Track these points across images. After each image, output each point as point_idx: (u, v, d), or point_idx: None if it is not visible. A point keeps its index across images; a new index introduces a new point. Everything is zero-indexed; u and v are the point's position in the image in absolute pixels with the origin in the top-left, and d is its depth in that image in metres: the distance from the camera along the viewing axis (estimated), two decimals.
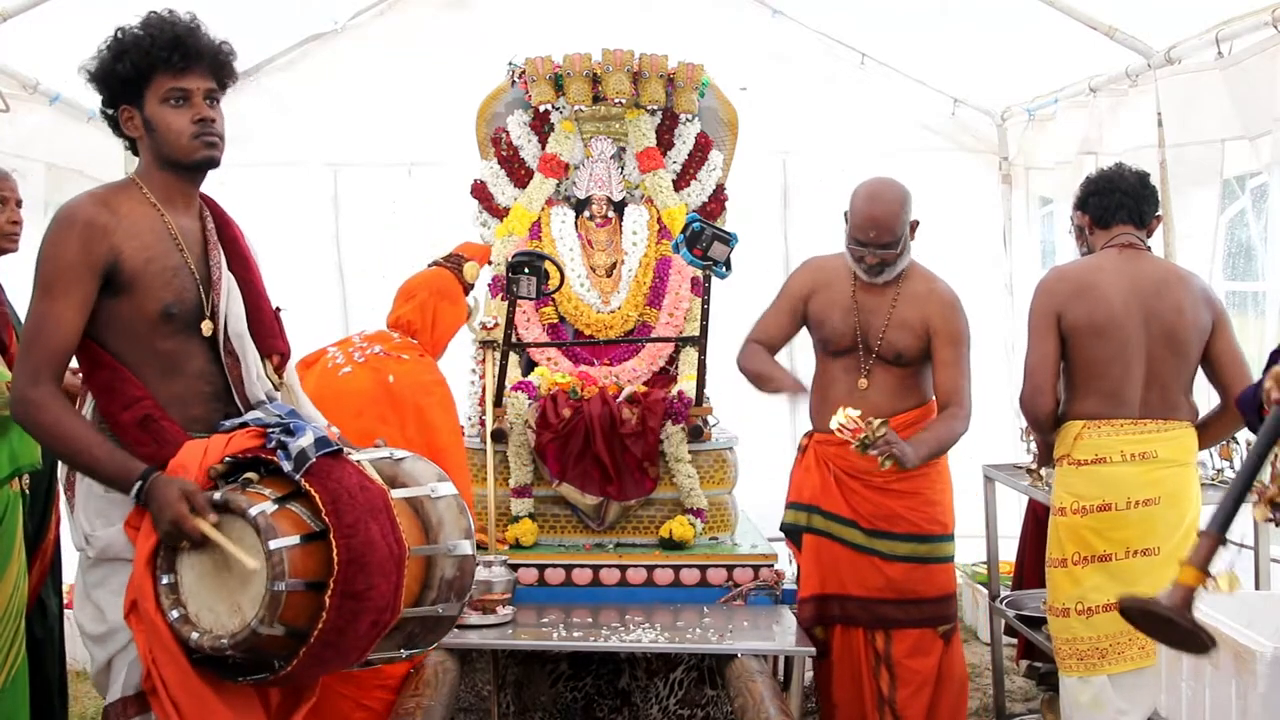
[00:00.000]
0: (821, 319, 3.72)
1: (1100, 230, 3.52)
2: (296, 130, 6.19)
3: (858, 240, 3.57)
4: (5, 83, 4.80)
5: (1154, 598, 2.20)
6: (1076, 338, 3.39)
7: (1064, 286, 3.44)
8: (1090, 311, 3.36)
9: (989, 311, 5.74)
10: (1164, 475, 3.30)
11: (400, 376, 3.55)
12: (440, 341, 3.82)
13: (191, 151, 2.40)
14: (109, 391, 2.35)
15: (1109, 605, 3.27)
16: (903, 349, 3.64)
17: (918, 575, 3.64)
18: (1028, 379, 3.47)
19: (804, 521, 3.74)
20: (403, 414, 3.46)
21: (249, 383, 2.49)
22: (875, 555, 3.64)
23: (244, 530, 2.19)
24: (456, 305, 3.85)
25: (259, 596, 2.15)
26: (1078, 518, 3.37)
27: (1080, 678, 3.35)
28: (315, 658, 2.21)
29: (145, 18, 2.40)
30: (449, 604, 2.41)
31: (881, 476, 3.59)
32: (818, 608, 3.69)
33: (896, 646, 3.65)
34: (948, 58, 5.99)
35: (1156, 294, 3.38)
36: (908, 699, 3.63)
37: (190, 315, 2.40)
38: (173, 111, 2.39)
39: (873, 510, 3.65)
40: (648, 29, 5.28)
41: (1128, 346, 3.35)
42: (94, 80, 2.43)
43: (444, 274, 3.88)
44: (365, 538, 2.22)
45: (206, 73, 2.41)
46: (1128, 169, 3.56)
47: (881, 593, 3.64)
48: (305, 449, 2.27)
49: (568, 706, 3.95)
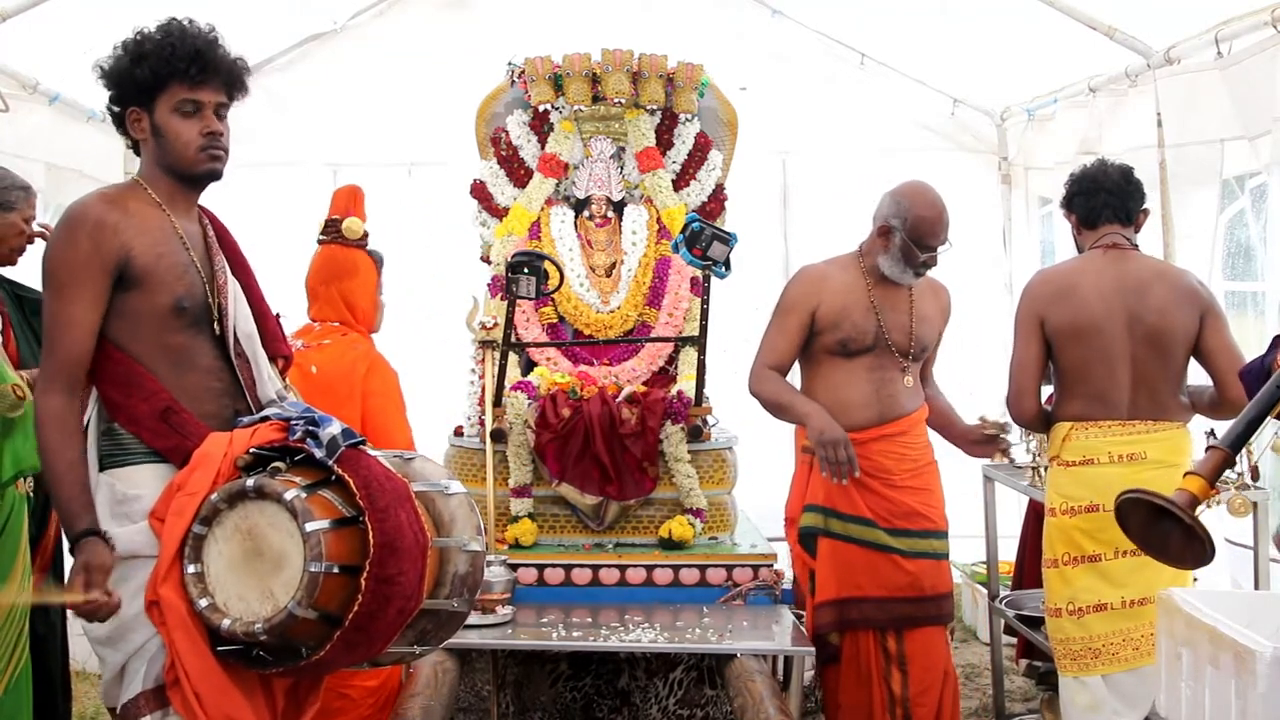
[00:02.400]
0: (838, 321, 3.70)
1: (1087, 230, 3.54)
2: (296, 130, 6.20)
3: (927, 245, 3.62)
4: (5, 83, 4.81)
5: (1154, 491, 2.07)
6: (1060, 340, 3.42)
7: (1046, 290, 3.49)
8: (1073, 314, 3.38)
9: (989, 311, 5.74)
10: (1153, 476, 3.29)
11: (323, 364, 3.57)
12: (366, 316, 3.75)
13: (197, 163, 2.45)
14: (125, 385, 2.37)
15: (1099, 605, 3.28)
16: (929, 342, 3.80)
17: (934, 571, 3.69)
18: (1011, 381, 3.55)
19: (821, 524, 3.73)
20: (333, 399, 3.41)
21: (260, 383, 2.53)
22: (897, 554, 3.66)
23: (277, 515, 2.23)
24: (355, 275, 3.74)
25: (294, 580, 2.18)
26: (1067, 518, 3.38)
27: (1076, 678, 3.35)
28: (347, 643, 2.24)
29: (166, 25, 2.43)
30: (461, 599, 2.44)
31: (899, 475, 3.65)
32: (837, 612, 3.68)
33: (909, 645, 3.66)
34: (947, 58, 5.99)
35: (1139, 295, 3.39)
36: (919, 697, 3.65)
37: (199, 311, 2.44)
38: (183, 122, 2.42)
39: (890, 509, 3.66)
40: (648, 29, 5.28)
41: (1111, 348, 3.36)
42: (107, 78, 2.45)
43: (328, 253, 3.76)
44: (396, 522, 2.26)
45: (220, 87, 2.45)
46: (1111, 165, 3.55)
47: (902, 591, 3.65)
48: (335, 436, 2.33)
49: (567, 706, 3.95)
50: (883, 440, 3.68)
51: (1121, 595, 3.27)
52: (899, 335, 3.70)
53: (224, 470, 2.32)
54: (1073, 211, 3.56)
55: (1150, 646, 3.19)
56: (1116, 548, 3.28)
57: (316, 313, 3.76)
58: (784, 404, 3.70)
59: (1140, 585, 3.24)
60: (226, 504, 2.28)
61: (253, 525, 2.27)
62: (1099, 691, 3.31)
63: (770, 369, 3.74)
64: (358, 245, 3.77)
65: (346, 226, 3.75)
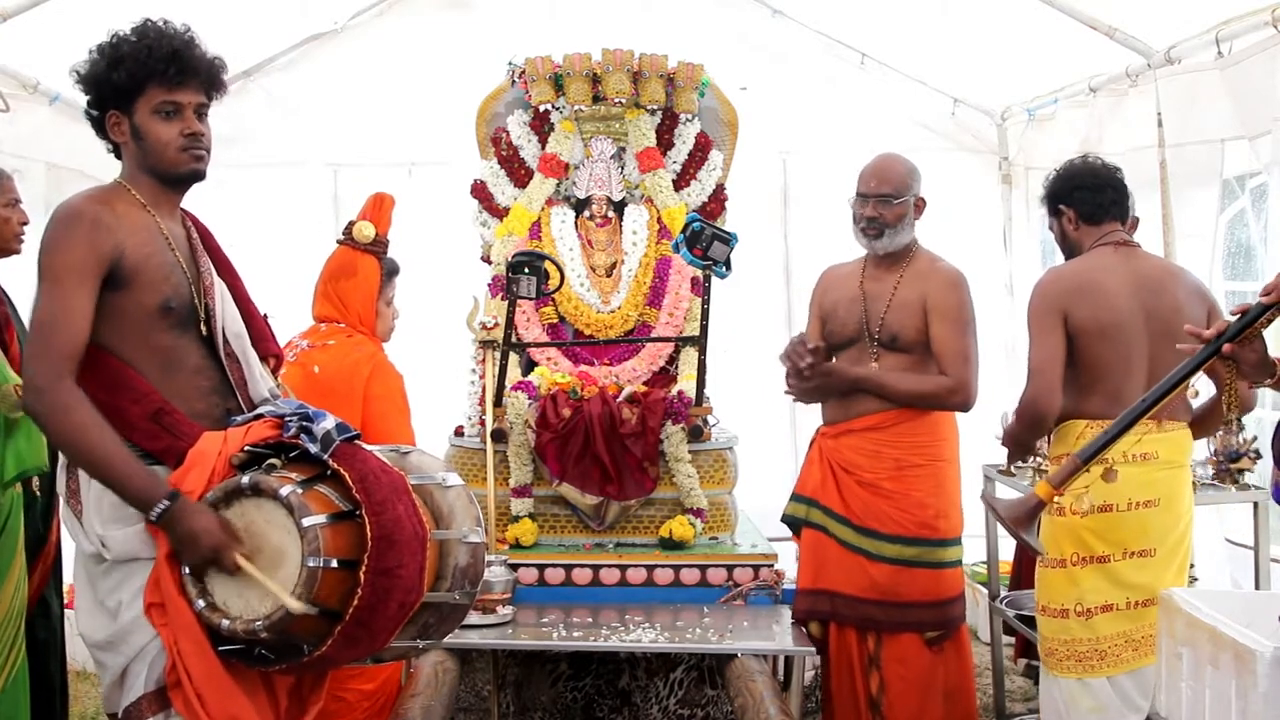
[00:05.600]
0: (830, 313, 3.74)
1: (1089, 226, 3.47)
2: (296, 130, 6.21)
3: (859, 194, 3.61)
4: (5, 83, 4.81)
5: (1004, 502, 2.66)
6: (1082, 339, 3.34)
7: (1066, 285, 3.38)
8: (1096, 313, 3.33)
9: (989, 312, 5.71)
10: (1163, 476, 3.28)
11: (325, 364, 3.57)
12: (364, 317, 3.76)
13: (179, 164, 2.44)
14: (114, 388, 2.35)
15: (1106, 606, 3.26)
16: (898, 330, 3.59)
17: (902, 578, 3.58)
18: (1035, 377, 3.34)
19: (803, 514, 3.73)
20: (334, 400, 3.40)
21: (252, 382, 2.52)
22: (862, 554, 3.61)
23: (274, 511, 2.22)
24: (355, 277, 3.75)
25: (293, 575, 2.17)
26: (1076, 518, 3.35)
27: (1079, 680, 3.33)
28: (348, 638, 2.23)
29: (141, 27, 2.42)
30: (463, 591, 2.43)
31: (872, 473, 3.60)
32: (810, 601, 3.67)
33: (885, 649, 3.62)
34: (947, 58, 5.99)
35: (1155, 293, 3.36)
36: (892, 703, 3.59)
37: (186, 312, 2.43)
38: (163, 123, 2.41)
39: (863, 508, 3.62)
40: (648, 29, 5.29)
41: (1130, 346, 3.33)
42: (84, 83, 2.44)
43: (337, 253, 3.81)
44: (394, 515, 2.25)
45: (199, 87, 2.44)
46: (1103, 164, 3.53)
47: (866, 593, 3.59)
48: (329, 431, 2.32)
49: (568, 706, 3.95)
50: (850, 435, 3.65)
51: (1127, 596, 3.26)
52: (873, 324, 3.64)
53: (219, 469, 2.31)
54: (1072, 206, 3.52)
55: (1150, 647, 3.18)
56: (1125, 549, 3.26)
57: (318, 310, 3.78)
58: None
59: (1144, 586, 3.23)
60: (223, 503, 2.27)
61: (250, 523, 2.26)
62: (1103, 693, 3.29)
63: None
64: (368, 250, 3.79)
65: (357, 229, 3.78)
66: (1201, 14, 4.26)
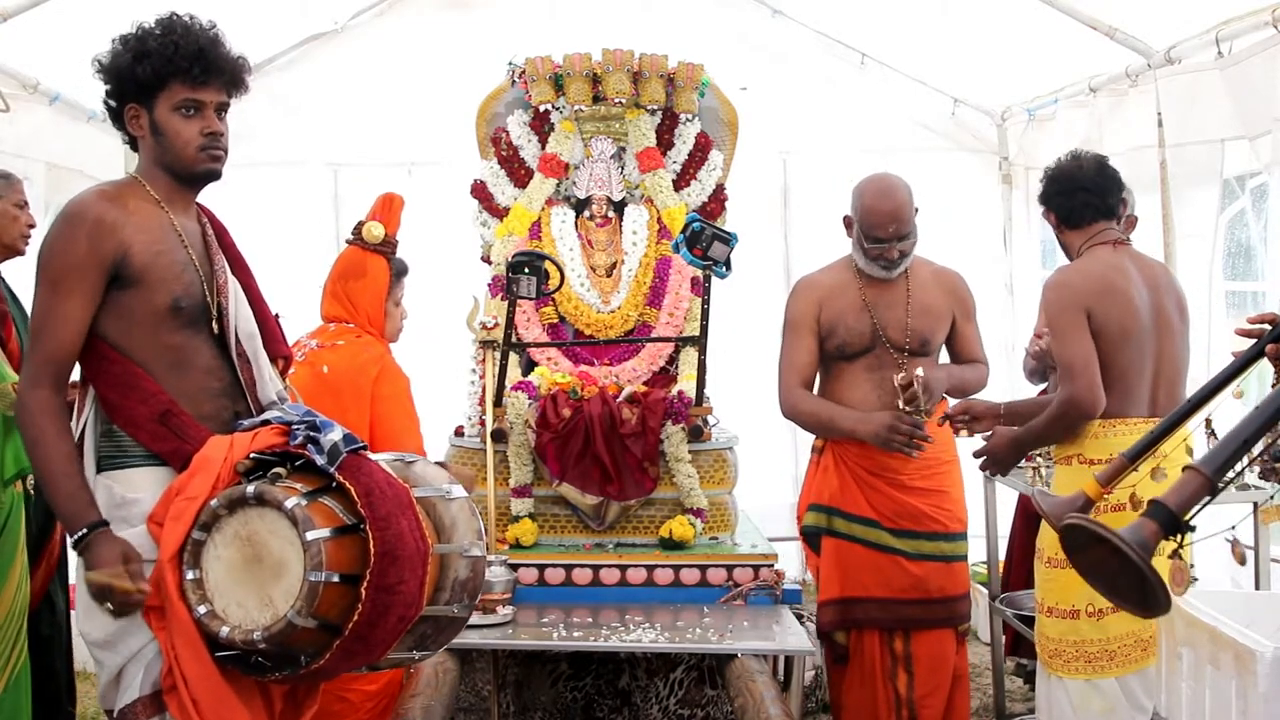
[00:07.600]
0: (834, 327, 3.72)
1: (1071, 230, 3.46)
2: (297, 130, 6.21)
3: (877, 238, 3.60)
4: (5, 83, 4.80)
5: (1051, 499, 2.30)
6: (1102, 339, 3.30)
7: (1088, 284, 3.31)
8: (1120, 315, 3.30)
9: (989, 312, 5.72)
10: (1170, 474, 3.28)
11: (334, 364, 3.58)
12: (373, 318, 3.77)
13: (197, 163, 2.43)
14: (122, 387, 2.34)
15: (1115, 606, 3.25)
16: (929, 335, 3.70)
17: (943, 574, 3.66)
18: (1075, 377, 3.24)
19: (824, 524, 3.73)
20: (342, 401, 3.44)
21: (261, 384, 2.51)
22: (900, 555, 3.64)
23: (277, 522, 2.21)
24: (364, 277, 3.77)
25: (294, 588, 2.16)
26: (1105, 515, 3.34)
27: (1088, 680, 3.31)
28: (346, 651, 2.22)
29: (168, 21, 2.40)
30: (462, 604, 2.42)
31: (905, 474, 3.62)
32: (840, 611, 3.69)
33: (917, 647, 3.64)
34: (947, 58, 5.99)
35: (1161, 291, 3.37)
36: (925, 698, 3.64)
37: (197, 311, 2.41)
38: (184, 121, 2.41)
39: (896, 509, 3.65)
40: (648, 29, 5.29)
41: (1143, 345, 3.33)
42: (106, 73, 2.42)
43: (346, 253, 3.83)
44: (397, 531, 2.23)
45: (222, 87, 2.43)
46: (1086, 160, 3.47)
47: (906, 593, 3.63)
48: (336, 443, 2.30)
49: (568, 706, 3.95)
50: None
51: None
52: (895, 332, 3.68)
53: (224, 475, 2.29)
54: (1052, 210, 3.52)
55: (1155, 647, 3.18)
56: None
57: (327, 310, 3.79)
58: (824, 421, 3.71)
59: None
60: (226, 510, 2.26)
61: (253, 532, 2.24)
62: (1112, 694, 3.27)
63: (798, 388, 3.74)
64: (377, 250, 3.80)
65: (366, 229, 3.80)
66: (1201, 14, 4.26)
